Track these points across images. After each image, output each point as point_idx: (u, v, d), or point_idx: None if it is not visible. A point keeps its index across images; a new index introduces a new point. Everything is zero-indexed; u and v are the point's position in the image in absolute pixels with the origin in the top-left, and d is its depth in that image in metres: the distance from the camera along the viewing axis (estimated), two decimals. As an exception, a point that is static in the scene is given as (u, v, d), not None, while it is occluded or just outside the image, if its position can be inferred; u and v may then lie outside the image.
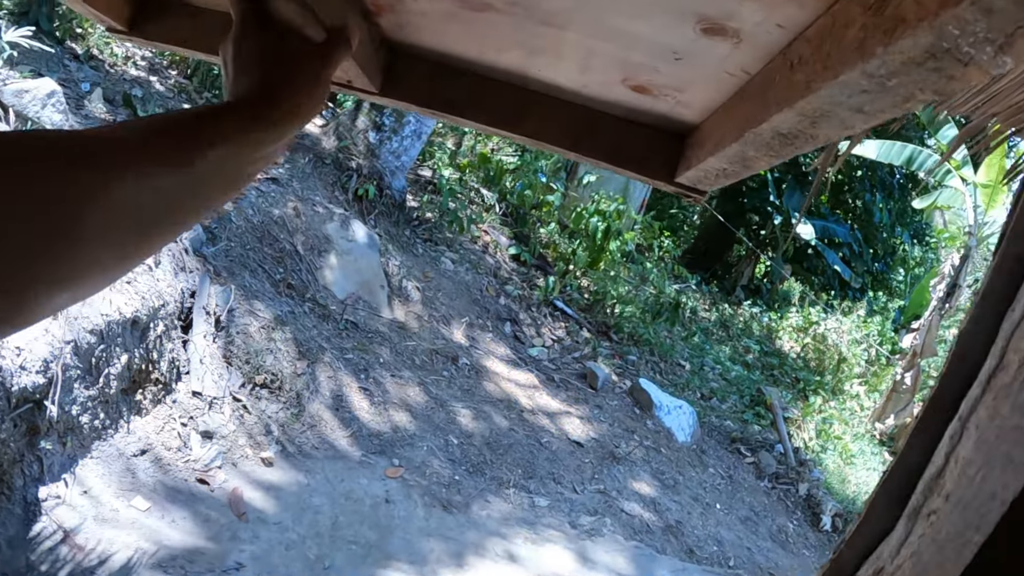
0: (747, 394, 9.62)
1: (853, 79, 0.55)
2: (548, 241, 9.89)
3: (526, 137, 1.13)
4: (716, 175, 1.01)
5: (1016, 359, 0.38)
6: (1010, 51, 0.43)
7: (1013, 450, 0.35)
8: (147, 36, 1.15)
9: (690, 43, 0.80)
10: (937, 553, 0.38)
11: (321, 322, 5.43)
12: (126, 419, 3.52)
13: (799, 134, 0.73)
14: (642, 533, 5.26)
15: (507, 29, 0.93)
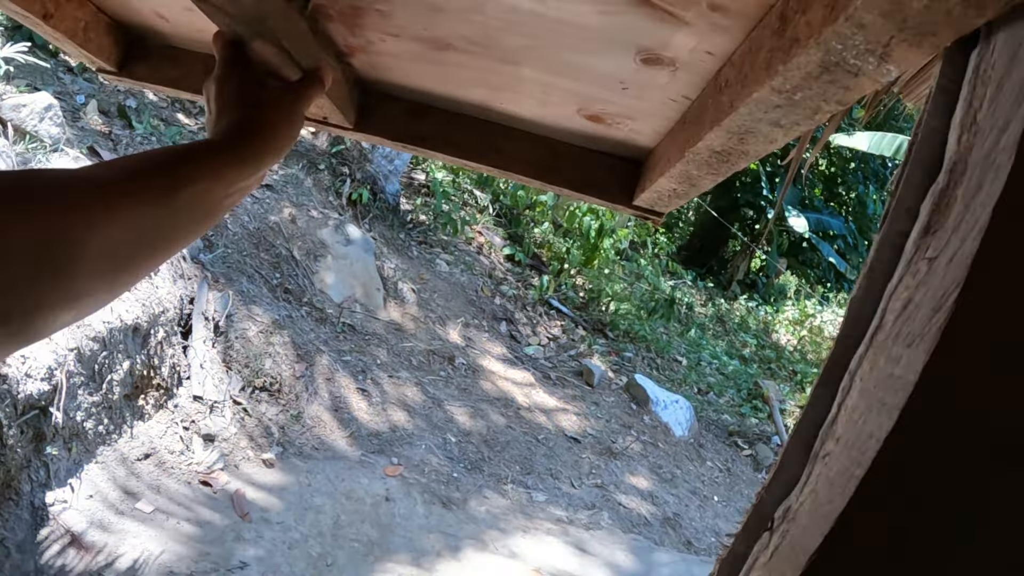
0: (744, 388, 9.69)
1: (765, 96, 0.62)
2: (542, 241, 9.96)
3: (494, 168, 1.18)
4: (668, 195, 1.08)
5: (891, 318, 0.46)
6: (891, 60, 0.50)
7: (886, 396, 0.43)
8: (137, 77, 1.22)
9: (633, 73, 0.87)
10: (829, 489, 0.46)
11: (318, 325, 5.51)
12: (129, 424, 3.60)
13: (732, 151, 0.80)
14: (640, 526, 5.34)
15: (468, 67, 0.99)
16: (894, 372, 0.45)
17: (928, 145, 0.50)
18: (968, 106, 0.46)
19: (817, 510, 0.48)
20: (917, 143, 0.51)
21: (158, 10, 1.06)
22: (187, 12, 1.02)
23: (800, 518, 0.51)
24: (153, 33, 1.18)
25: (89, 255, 0.53)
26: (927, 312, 0.44)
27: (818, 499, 0.49)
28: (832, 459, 0.49)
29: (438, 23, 0.86)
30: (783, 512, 0.54)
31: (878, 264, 0.51)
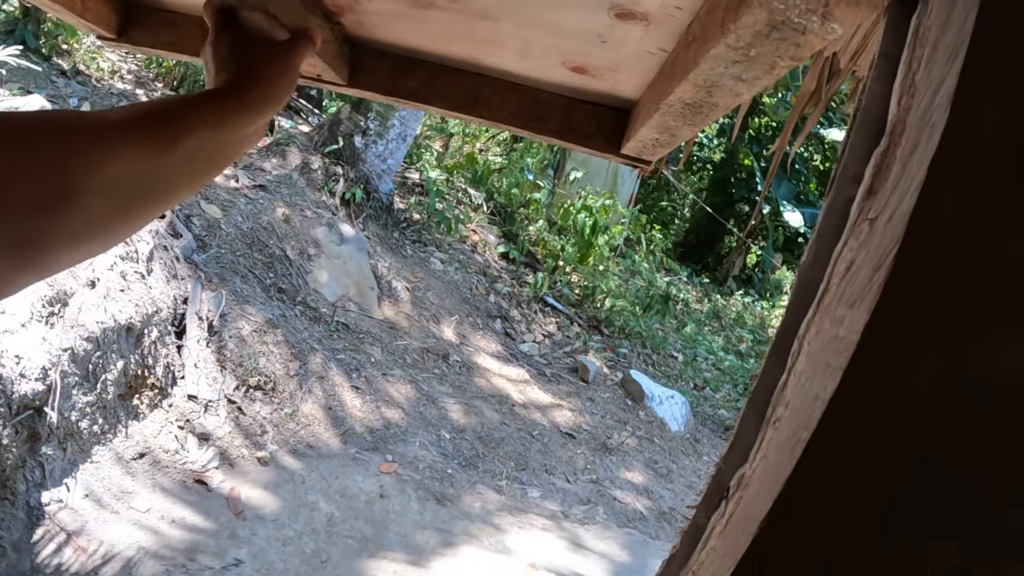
0: (741, 383, 9.70)
1: (722, 52, 0.64)
2: (536, 238, 9.97)
3: (482, 119, 1.23)
4: (652, 144, 1.11)
5: (836, 281, 0.47)
6: (833, 19, 0.52)
7: (830, 357, 0.44)
8: (135, 42, 1.24)
9: (609, 28, 0.89)
10: (778, 453, 0.47)
11: (312, 324, 5.52)
12: (124, 424, 3.60)
13: (702, 103, 0.83)
14: (635, 520, 5.35)
15: (450, 24, 1.02)
16: (838, 333, 0.46)
17: (871, 111, 0.51)
18: (908, 69, 0.47)
19: (767, 475, 0.49)
20: (861, 110, 0.53)
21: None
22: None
23: (752, 484, 0.52)
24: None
25: (89, 192, 0.54)
26: (868, 272, 0.45)
27: (768, 464, 0.50)
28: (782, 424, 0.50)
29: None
30: (737, 480, 0.55)
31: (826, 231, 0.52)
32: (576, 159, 12.10)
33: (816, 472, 0.45)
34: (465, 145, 11.38)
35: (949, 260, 0.42)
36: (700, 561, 0.57)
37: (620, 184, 12.36)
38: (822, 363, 0.47)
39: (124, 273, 3.71)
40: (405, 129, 7.91)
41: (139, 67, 6.99)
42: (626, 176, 12.69)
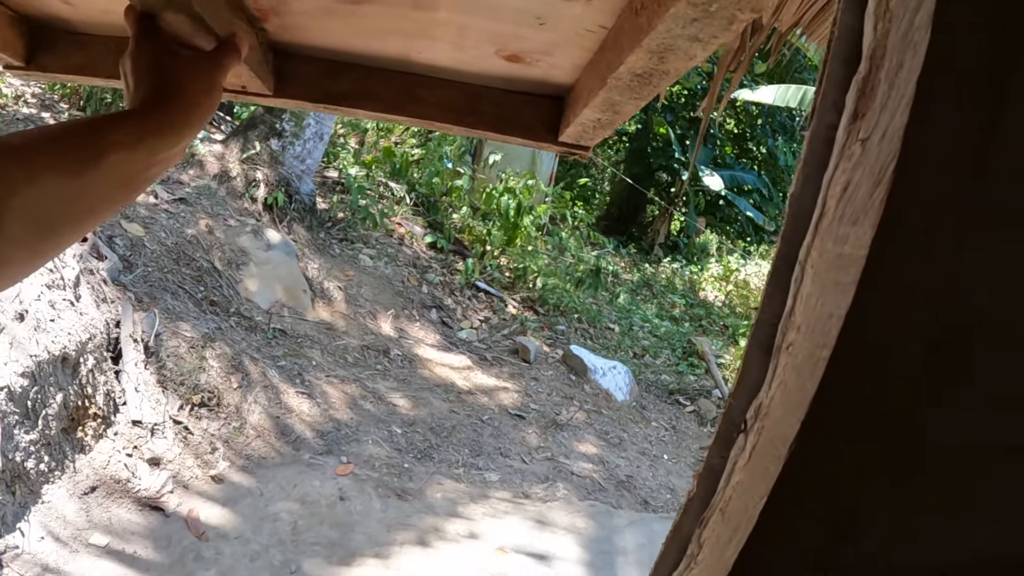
0: (678, 347, 9.92)
1: (682, 10, 0.65)
2: (462, 225, 9.96)
3: (416, 119, 1.20)
4: (593, 127, 1.10)
5: (832, 203, 0.50)
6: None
7: (839, 275, 0.47)
8: (45, 69, 1.18)
9: (548, 7, 0.88)
10: (797, 376, 0.50)
11: (249, 334, 5.40)
12: (71, 459, 3.46)
13: (653, 71, 0.82)
14: (595, 492, 5.44)
15: (383, 18, 0.99)
16: (843, 251, 0.49)
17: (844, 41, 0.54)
18: None
19: (789, 399, 0.52)
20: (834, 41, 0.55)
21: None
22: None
23: (773, 412, 0.55)
24: (57, 20, 1.15)
25: (10, 220, 0.53)
26: (867, 188, 0.48)
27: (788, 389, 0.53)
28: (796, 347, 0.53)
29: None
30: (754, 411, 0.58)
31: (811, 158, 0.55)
32: (493, 143, 12.12)
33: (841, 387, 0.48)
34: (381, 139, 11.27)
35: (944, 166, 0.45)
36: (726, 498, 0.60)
37: (539, 164, 12.44)
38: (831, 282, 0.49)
39: (52, 302, 3.55)
40: (321, 128, 7.78)
41: (43, 90, 6.65)
42: (544, 156, 12.77)
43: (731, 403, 0.62)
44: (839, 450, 0.50)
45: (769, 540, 0.52)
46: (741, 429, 0.59)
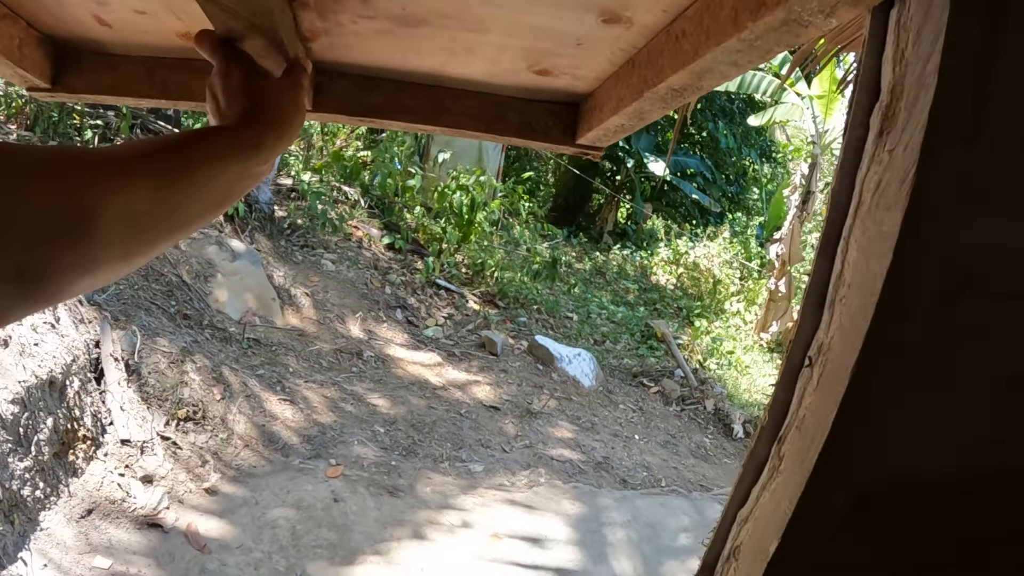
0: (637, 331, 10.17)
1: (731, 45, 0.74)
2: (417, 225, 10.06)
3: (445, 127, 1.26)
4: (615, 131, 1.19)
5: (868, 196, 0.66)
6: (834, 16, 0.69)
7: (879, 245, 0.63)
8: (73, 90, 1.20)
9: (591, 31, 0.94)
10: (852, 320, 0.67)
11: (225, 345, 5.44)
12: (65, 483, 3.49)
13: (688, 87, 0.92)
14: (576, 474, 5.63)
15: (434, 39, 1.04)
16: (881, 229, 0.66)
17: (868, 76, 0.72)
18: (896, 47, 0.68)
19: (846, 337, 0.69)
20: (860, 76, 0.73)
21: (101, 15, 1.04)
22: (135, 15, 1.02)
23: (834, 347, 0.72)
24: (87, 42, 1.16)
25: (105, 223, 0.56)
26: (896, 185, 0.66)
27: (845, 330, 0.70)
28: (848, 299, 0.70)
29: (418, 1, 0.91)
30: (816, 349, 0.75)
31: (846, 163, 0.73)
32: (440, 141, 12.17)
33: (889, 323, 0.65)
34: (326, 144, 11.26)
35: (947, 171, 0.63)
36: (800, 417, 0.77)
37: (487, 160, 12.54)
38: (873, 251, 0.67)
39: (34, 326, 3.56)
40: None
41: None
42: (491, 151, 12.90)
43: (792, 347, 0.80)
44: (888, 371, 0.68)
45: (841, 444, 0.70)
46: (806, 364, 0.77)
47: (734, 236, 13.88)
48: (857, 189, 0.71)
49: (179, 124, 7.42)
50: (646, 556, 4.60)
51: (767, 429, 0.82)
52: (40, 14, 1.06)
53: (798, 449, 0.75)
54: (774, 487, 0.81)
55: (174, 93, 1.21)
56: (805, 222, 10.35)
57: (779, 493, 0.79)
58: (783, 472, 0.77)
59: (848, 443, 0.70)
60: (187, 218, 0.68)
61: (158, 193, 0.62)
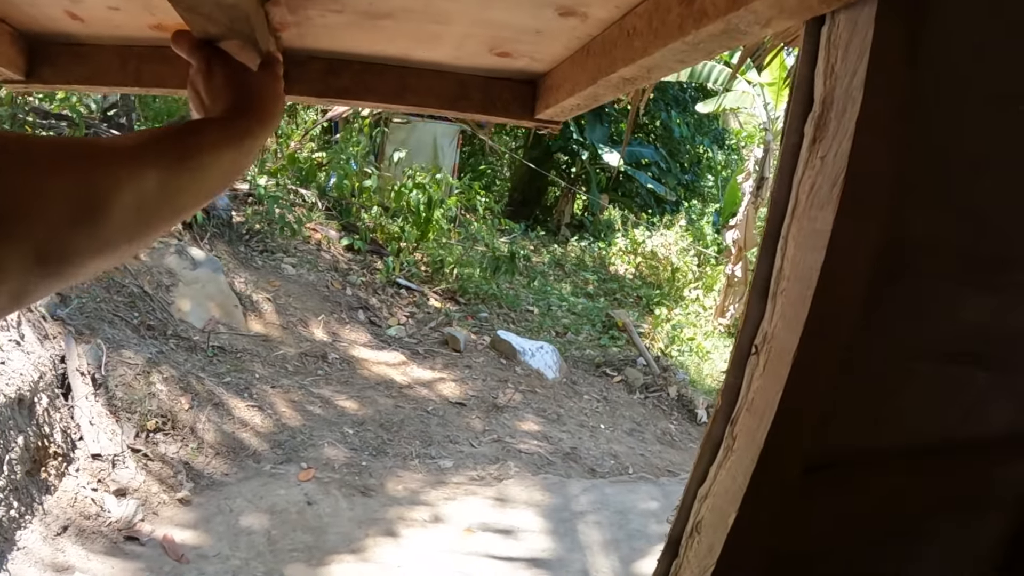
0: (597, 321, 10.28)
1: (677, 46, 0.84)
2: (375, 225, 10.05)
3: (411, 106, 1.34)
4: (572, 109, 1.28)
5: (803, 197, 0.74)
6: (769, 27, 0.77)
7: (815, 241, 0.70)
8: (46, 81, 1.23)
9: (549, 23, 1.02)
10: (792, 309, 0.75)
11: (190, 354, 5.41)
12: (39, 501, 3.47)
13: (638, 78, 1.01)
14: (545, 466, 5.72)
15: (402, 29, 1.10)
16: (815, 227, 0.75)
17: (802, 87, 0.80)
18: (826, 62, 0.76)
19: (788, 325, 0.78)
20: (794, 87, 0.81)
21: (73, 11, 1.07)
22: (108, 11, 1.06)
23: (777, 335, 0.81)
24: (60, 35, 1.19)
25: (116, 208, 0.60)
26: (827, 188, 0.74)
27: (787, 318, 0.79)
28: (787, 291, 0.79)
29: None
30: (762, 337, 0.84)
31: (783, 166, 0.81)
32: (395, 140, 12.17)
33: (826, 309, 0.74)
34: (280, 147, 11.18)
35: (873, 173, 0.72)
36: (750, 400, 0.85)
37: (442, 157, 12.54)
38: (809, 246, 0.76)
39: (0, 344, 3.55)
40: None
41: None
42: (446, 148, 12.91)
43: (740, 337, 0.88)
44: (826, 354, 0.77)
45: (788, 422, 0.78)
46: (753, 352, 0.85)
47: (690, 224, 14.07)
48: (794, 191, 0.79)
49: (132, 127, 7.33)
50: (618, 541, 4.71)
51: (721, 412, 0.91)
52: (12, 12, 1.08)
53: (749, 429, 0.83)
54: (729, 464, 0.89)
55: (148, 81, 1.24)
56: (760, 208, 10.56)
57: (734, 469, 0.88)
58: (737, 450, 0.86)
59: (794, 421, 0.79)
60: (186, 203, 0.73)
61: (163, 180, 0.67)
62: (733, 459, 0.87)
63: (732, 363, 0.89)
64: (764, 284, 0.84)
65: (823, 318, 0.74)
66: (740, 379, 0.88)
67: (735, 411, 0.88)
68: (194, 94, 0.92)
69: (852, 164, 0.70)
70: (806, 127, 0.78)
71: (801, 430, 0.80)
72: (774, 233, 0.83)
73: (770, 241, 0.84)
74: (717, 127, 16.73)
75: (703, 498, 0.94)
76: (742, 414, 0.86)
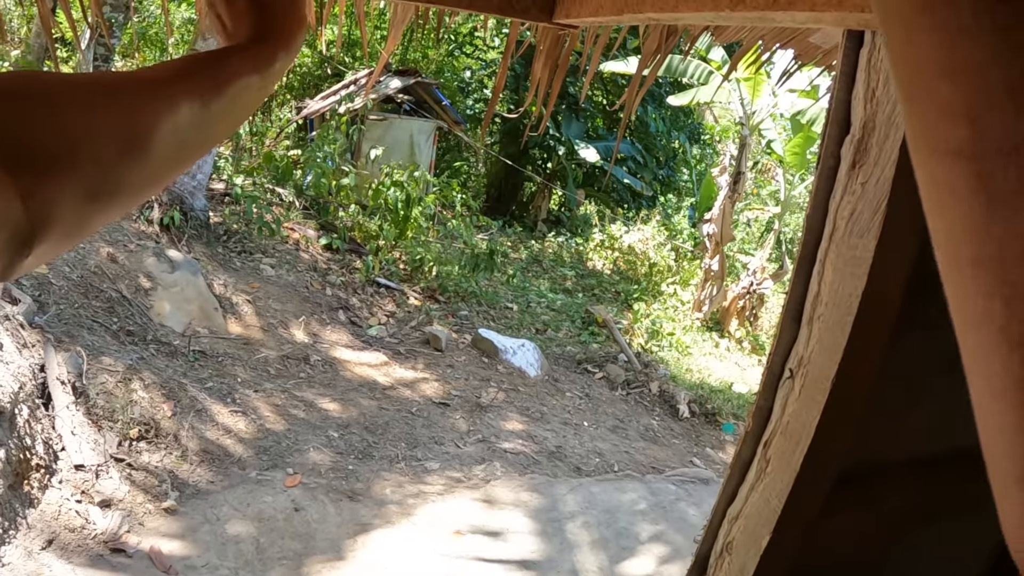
0: (577, 318, 10.29)
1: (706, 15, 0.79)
2: (353, 223, 9.98)
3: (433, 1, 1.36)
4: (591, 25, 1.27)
5: (842, 223, 0.74)
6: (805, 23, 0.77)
7: (854, 268, 0.71)
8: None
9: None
10: (830, 335, 0.75)
11: (171, 360, 5.33)
12: (22, 515, 3.39)
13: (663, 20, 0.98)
14: (531, 466, 5.72)
15: None
16: (855, 254, 0.75)
17: (839, 110, 0.80)
18: (866, 86, 0.76)
19: (825, 351, 0.78)
20: (832, 109, 0.81)
21: None
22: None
23: (814, 360, 0.81)
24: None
25: (158, 142, 0.60)
26: (868, 215, 0.74)
27: (824, 344, 0.79)
28: (825, 317, 0.79)
29: None
30: (796, 362, 0.84)
31: (819, 191, 0.81)
32: (372, 138, 12.10)
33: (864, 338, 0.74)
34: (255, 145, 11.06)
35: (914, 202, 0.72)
36: (784, 423, 0.85)
37: (419, 154, 12.48)
38: (848, 273, 0.75)
39: (-23, 357, 3.46)
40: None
41: None
42: (422, 144, 12.85)
43: (772, 358, 0.88)
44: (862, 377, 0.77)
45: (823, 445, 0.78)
46: (788, 376, 0.85)
47: (666, 218, 14.13)
48: (831, 216, 0.79)
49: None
50: (606, 540, 4.73)
51: (751, 434, 0.91)
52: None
53: (784, 452, 0.83)
54: (763, 487, 0.89)
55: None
56: (737, 201, 10.63)
57: (768, 492, 0.88)
58: (771, 473, 0.86)
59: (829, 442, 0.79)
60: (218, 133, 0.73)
61: (197, 112, 0.66)
62: (767, 482, 0.87)
63: (763, 386, 0.89)
64: (798, 308, 0.84)
65: (860, 343, 0.74)
66: (771, 401, 0.88)
67: (768, 433, 0.88)
68: (215, 17, 0.89)
69: (895, 191, 0.70)
70: (843, 150, 0.78)
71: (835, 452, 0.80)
72: (810, 257, 0.83)
73: (805, 265, 0.84)
74: (693, 122, 16.79)
75: (733, 519, 0.94)
76: (776, 437, 0.86)
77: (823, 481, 0.84)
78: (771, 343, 0.87)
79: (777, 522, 0.83)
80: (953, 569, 1.41)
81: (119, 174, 0.57)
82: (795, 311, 0.84)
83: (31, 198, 0.47)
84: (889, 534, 1.12)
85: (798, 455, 0.79)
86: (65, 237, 0.52)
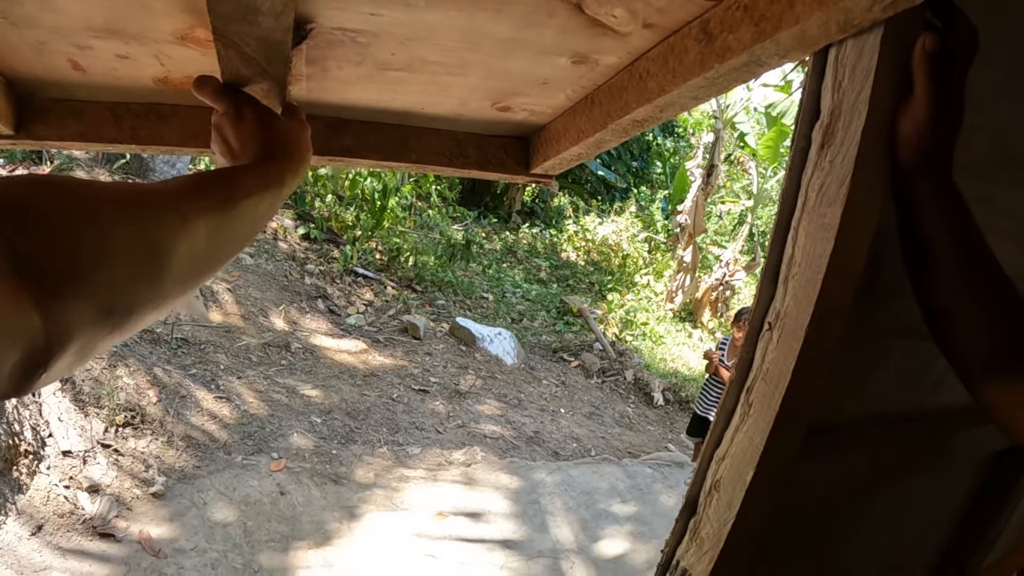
0: (552, 307, 10.43)
1: (696, 83, 0.88)
2: (331, 213, 10.01)
3: (411, 164, 1.34)
4: (571, 159, 1.29)
5: (813, 195, 0.84)
6: (787, 58, 0.86)
7: (823, 232, 0.81)
8: (39, 137, 1.17)
9: (559, 71, 1.02)
10: (803, 290, 0.84)
11: (154, 347, 5.37)
12: (12, 501, 3.44)
13: (650, 118, 1.03)
14: (510, 450, 5.85)
15: (415, 82, 1.08)
16: (824, 221, 0.87)
17: (810, 99, 0.92)
18: (834, 78, 0.88)
19: (799, 304, 0.90)
20: (804, 98, 0.93)
21: (77, 60, 1.01)
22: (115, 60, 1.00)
23: (789, 313, 0.92)
24: (55, 87, 1.13)
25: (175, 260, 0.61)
26: (835, 188, 0.86)
27: (798, 300, 0.90)
28: (798, 276, 0.90)
29: (411, 48, 0.96)
30: (775, 316, 0.95)
31: (793, 168, 0.93)
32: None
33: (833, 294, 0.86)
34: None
35: (874, 175, 0.84)
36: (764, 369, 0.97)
37: (395, 145, 12.47)
38: (819, 236, 0.87)
39: (-35, 344, 3.48)
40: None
41: None
42: (398, 136, 12.85)
43: (753, 312, 1.00)
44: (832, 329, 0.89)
45: (798, 389, 0.90)
46: (767, 328, 0.97)
47: (640, 210, 14.30)
48: (803, 189, 0.91)
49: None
50: (584, 521, 4.87)
51: (735, 383, 1.02)
52: (10, 58, 1.02)
53: (765, 395, 0.95)
54: (746, 428, 1.01)
55: (144, 139, 1.20)
56: (710, 193, 10.81)
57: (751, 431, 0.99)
58: (753, 415, 0.98)
59: (804, 387, 0.91)
60: (229, 252, 0.73)
61: (211, 229, 0.67)
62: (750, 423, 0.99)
63: (746, 340, 1.00)
64: (775, 270, 0.96)
65: (830, 298, 0.86)
66: (753, 353, 1.00)
67: (750, 380, 1.00)
68: (221, 140, 0.91)
69: (858, 167, 0.81)
70: (814, 133, 0.90)
71: (810, 396, 0.92)
72: (784, 225, 0.95)
73: (781, 232, 0.95)
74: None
75: (720, 460, 1.06)
76: (757, 383, 0.98)
77: (800, 424, 0.96)
78: (752, 304, 0.99)
79: (759, 460, 0.94)
80: (920, 522, 1.56)
81: (135, 293, 0.56)
82: (772, 273, 0.95)
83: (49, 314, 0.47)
84: (858, 485, 1.26)
85: (777, 396, 0.90)
86: (79, 354, 0.53)
